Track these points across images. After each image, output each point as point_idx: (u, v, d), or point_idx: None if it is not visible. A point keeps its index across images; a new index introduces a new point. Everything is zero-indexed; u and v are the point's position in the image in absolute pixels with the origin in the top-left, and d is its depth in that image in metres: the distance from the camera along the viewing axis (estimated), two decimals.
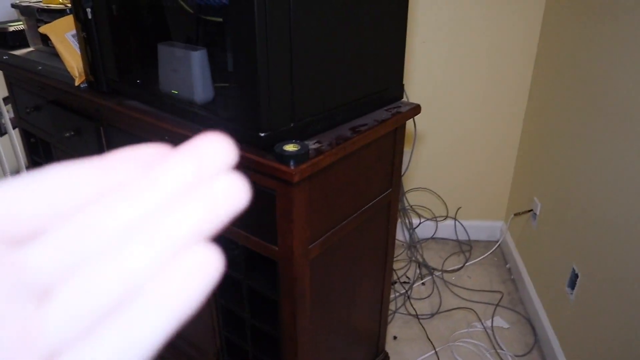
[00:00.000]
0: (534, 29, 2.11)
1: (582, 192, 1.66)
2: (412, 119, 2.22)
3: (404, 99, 1.29)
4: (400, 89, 1.26)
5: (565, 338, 1.74)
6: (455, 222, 2.55)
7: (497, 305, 2.13)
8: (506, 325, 2.03)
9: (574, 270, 1.70)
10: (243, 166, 1.02)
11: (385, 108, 1.22)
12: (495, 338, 1.96)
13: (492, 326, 2.02)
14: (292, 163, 0.92)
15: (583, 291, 1.63)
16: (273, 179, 0.98)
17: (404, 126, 1.27)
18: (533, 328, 2.02)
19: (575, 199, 1.72)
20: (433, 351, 1.88)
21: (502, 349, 1.91)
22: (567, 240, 1.77)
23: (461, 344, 1.93)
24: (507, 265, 2.39)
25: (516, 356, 1.88)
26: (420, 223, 2.54)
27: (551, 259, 1.91)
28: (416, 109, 1.23)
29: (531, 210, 2.14)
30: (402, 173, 2.37)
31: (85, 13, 1.21)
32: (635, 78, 1.35)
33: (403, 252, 2.45)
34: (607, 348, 1.45)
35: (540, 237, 2.03)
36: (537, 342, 1.95)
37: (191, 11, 1.00)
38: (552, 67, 1.98)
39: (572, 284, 1.70)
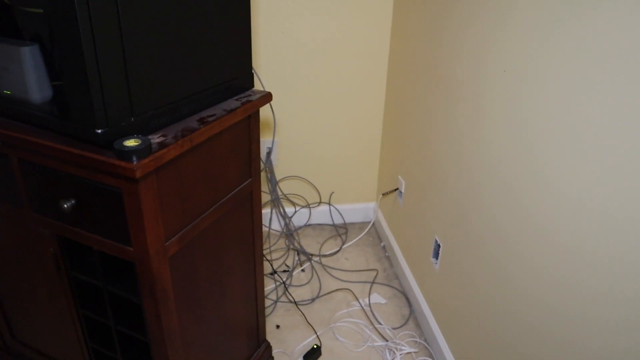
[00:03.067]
0: (387, 19, 2.21)
1: (437, 167, 1.77)
2: (271, 108, 2.25)
3: (260, 88, 1.29)
4: (250, 78, 1.26)
5: (435, 306, 1.86)
6: (330, 207, 2.61)
7: (373, 282, 2.22)
8: (383, 301, 2.12)
9: (436, 241, 1.81)
10: (85, 166, 0.97)
11: (236, 97, 1.21)
12: (373, 314, 2.04)
13: (369, 303, 2.10)
14: (134, 158, 0.89)
15: (445, 260, 1.74)
16: (117, 177, 0.94)
17: (257, 114, 1.27)
18: (408, 300, 2.12)
19: (431, 174, 1.83)
20: (315, 335, 1.92)
21: (380, 324, 1.99)
22: (428, 213, 1.88)
23: (342, 324, 1.99)
24: (382, 244, 2.49)
25: (393, 329, 1.97)
26: (295, 211, 2.58)
27: (417, 233, 2.02)
28: (267, 97, 1.24)
29: (397, 189, 2.24)
30: (274, 164, 2.39)
31: None
32: (468, 64, 1.46)
33: (280, 240, 2.47)
34: (471, 310, 1.56)
35: (407, 213, 2.14)
36: (412, 313, 2.05)
37: (6, 1, 0.93)
38: (402, 52, 2.08)
39: (436, 254, 1.82)
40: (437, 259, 1.81)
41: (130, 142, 0.91)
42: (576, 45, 1.00)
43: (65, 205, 1.02)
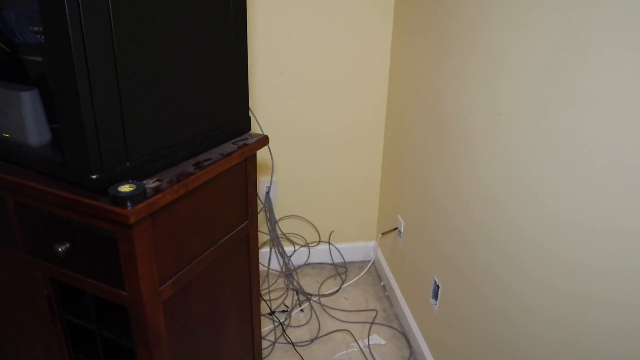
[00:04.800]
0: (385, 59, 2.24)
1: (435, 207, 1.77)
2: (268, 149, 2.27)
3: (258, 129, 1.30)
4: (247, 121, 1.27)
5: (436, 347, 1.83)
6: (329, 246, 2.60)
7: (373, 323, 2.19)
8: (382, 342, 2.09)
9: (435, 281, 1.79)
10: (80, 211, 0.97)
11: (232, 141, 1.22)
12: (372, 356, 2.01)
13: (369, 344, 2.07)
14: (128, 204, 0.89)
15: (444, 301, 1.72)
16: (111, 222, 0.94)
17: (254, 157, 1.27)
18: (408, 341, 2.09)
19: (429, 214, 1.82)
20: None
21: None
22: (427, 253, 1.87)
23: None
24: (382, 283, 2.47)
25: None
26: (295, 250, 2.56)
27: (416, 273, 2.00)
28: (264, 140, 1.25)
29: (396, 228, 2.24)
30: (273, 203, 2.39)
31: None
32: (464, 106, 1.47)
33: (279, 280, 2.45)
34: (471, 353, 1.53)
35: (406, 253, 2.13)
36: (412, 354, 2.02)
37: (8, 50, 0.95)
38: (401, 92, 2.11)
39: (435, 295, 1.80)
40: (436, 299, 1.79)
41: (125, 188, 0.91)
42: (569, 91, 1.01)
43: (60, 249, 1.02)
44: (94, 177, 0.90)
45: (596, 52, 0.93)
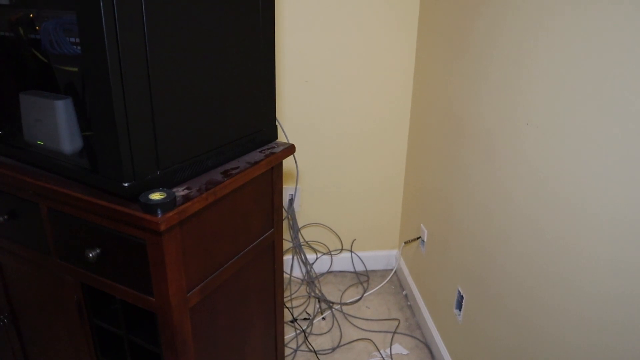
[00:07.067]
0: (409, 67, 2.25)
1: (459, 217, 1.76)
2: (293, 157, 2.28)
3: (284, 138, 1.31)
4: (273, 130, 1.28)
5: (458, 359, 1.81)
6: (351, 254, 2.60)
7: (395, 332, 2.18)
8: (405, 352, 2.08)
9: (459, 292, 1.78)
10: (111, 218, 0.99)
11: (259, 150, 1.23)
12: None
13: (390, 354, 2.06)
14: (159, 212, 0.91)
15: (468, 312, 1.71)
16: (142, 229, 0.95)
17: (280, 166, 1.29)
18: (431, 352, 2.08)
19: (453, 223, 1.82)
20: None
21: None
22: (451, 263, 1.86)
23: None
24: (404, 292, 2.46)
25: None
26: (317, 258, 2.57)
27: (440, 283, 1.99)
28: (290, 149, 1.26)
29: (419, 237, 2.23)
30: (296, 210, 2.40)
31: None
32: (490, 115, 1.47)
33: (301, 288, 2.46)
34: None
35: (429, 263, 2.12)
36: None
37: (45, 60, 0.97)
38: (426, 100, 2.11)
39: (459, 306, 1.78)
40: (460, 310, 1.78)
41: (156, 196, 0.93)
42: (596, 99, 1.00)
43: (91, 255, 1.04)
44: (126, 184, 0.92)
45: (631, 61, 0.92)
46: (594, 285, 1.04)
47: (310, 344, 2.10)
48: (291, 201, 2.35)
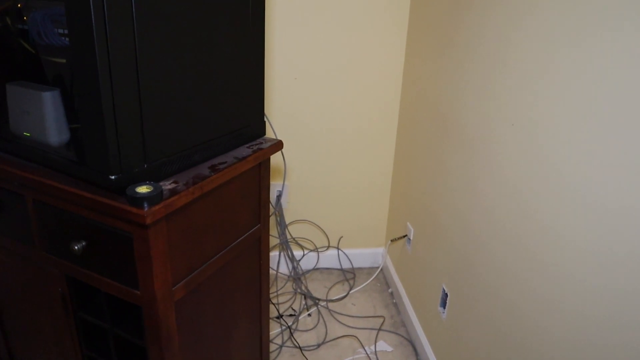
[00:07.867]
0: (398, 68, 2.26)
1: (444, 216, 1.77)
2: (281, 153, 2.29)
3: (272, 134, 1.32)
4: (262, 126, 1.29)
5: (442, 356, 1.83)
6: (338, 252, 2.61)
7: (380, 329, 2.20)
8: (389, 349, 2.10)
9: (444, 290, 1.79)
10: (97, 210, 0.99)
11: (247, 145, 1.24)
12: None
13: (375, 351, 2.07)
14: (145, 205, 0.91)
15: (452, 310, 1.72)
16: (128, 222, 0.96)
17: (268, 162, 1.29)
18: (415, 349, 2.09)
19: (438, 222, 1.83)
20: None
21: None
22: (436, 261, 1.87)
23: None
24: (389, 290, 2.47)
25: None
26: (304, 255, 2.58)
27: (425, 281, 2.01)
28: (278, 145, 1.26)
29: (406, 235, 2.24)
30: (283, 207, 2.41)
31: None
32: (476, 116, 1.48)
33: (287, 284, 2.47)
34: None
35: (415, 261, 2.14)
36: None
37: (33, 51, 0.97)
38: (414, 100, 2.12)
39: (444, 303, 1.80)
40: (444, 308, 1.80)
41: (142, 189, 0.93)
42: (583, 101, 1.02)
43: (76, 247, 1.04)
44: (113, 177, 0.92)
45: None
46: (580, 282, 1.05)
47: (295, 340, 2.11)
48: (279, 197, 2.35)
